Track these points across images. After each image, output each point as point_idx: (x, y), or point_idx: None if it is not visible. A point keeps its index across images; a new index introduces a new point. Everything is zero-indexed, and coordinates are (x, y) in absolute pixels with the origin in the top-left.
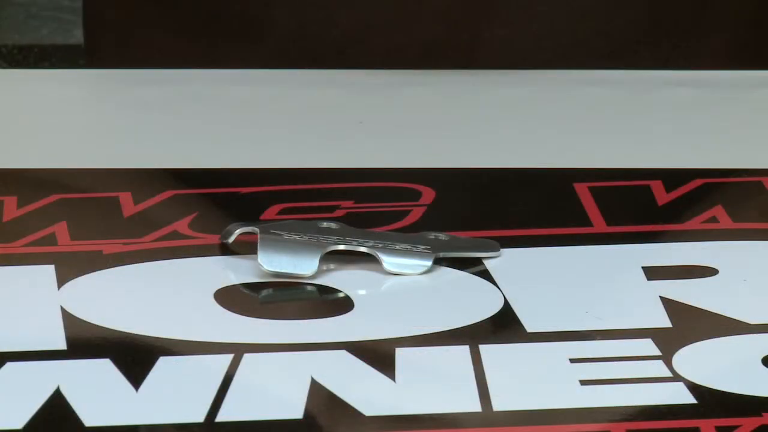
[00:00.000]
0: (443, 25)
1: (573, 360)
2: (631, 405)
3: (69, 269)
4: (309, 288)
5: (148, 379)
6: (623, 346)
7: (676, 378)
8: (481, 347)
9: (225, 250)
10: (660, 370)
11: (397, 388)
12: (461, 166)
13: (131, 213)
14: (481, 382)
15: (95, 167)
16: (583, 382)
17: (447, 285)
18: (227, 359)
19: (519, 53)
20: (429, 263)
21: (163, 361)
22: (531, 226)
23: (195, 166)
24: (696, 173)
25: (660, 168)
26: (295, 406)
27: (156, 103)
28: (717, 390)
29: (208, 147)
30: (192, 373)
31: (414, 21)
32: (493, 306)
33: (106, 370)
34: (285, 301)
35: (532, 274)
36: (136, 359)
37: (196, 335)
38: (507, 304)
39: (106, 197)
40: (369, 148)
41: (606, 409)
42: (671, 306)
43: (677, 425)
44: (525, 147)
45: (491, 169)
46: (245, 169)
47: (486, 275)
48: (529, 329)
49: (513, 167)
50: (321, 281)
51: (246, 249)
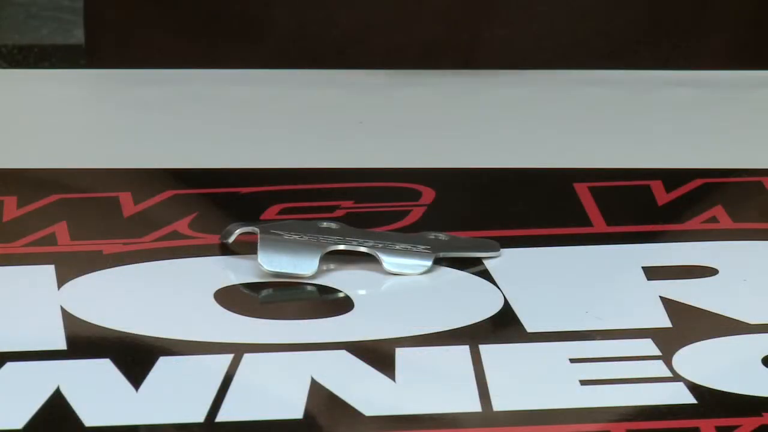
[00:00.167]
0: (443, 25)
1: (573, 360)
2: (631, 405)
3: (69, 269)
4: (309, 288)
5: (148, 379)
6: (623, 346)
7: (676, 378)
8: (481, 347)
9: (225, 250)
10: (660, 370)
11: (397, 388)
12: (461, 166)
13: (131, 213)
14: (481, 382)
15: (95, 167)
16: (583, 382)
17: (447, 285)
18: (227, 359)
19: (519, 53)
20: (429, 263)
21: (163, 361)
22: (531, 226)
23: (195, 166)
24: (696, 173)
25: (660, 168)
26: (295, 406)
27: (156, 103)
28: (717, 390)
29: (208, 147)
30: (192, 373)
31: (414, 21)
32: (493, 306)
33: (106, 370)
34: (285, 301)
35: (532, 274)
36: (136, 359)
37: (196, 335)
38: (507, 304)
39: (106, 197)
40: (369, 148)
41: (606, 409)
42: (671, 306)
43: (677, 425)
44: (525, 147)
45: (491, 169)
46: (245, 169)
47: (486, 275)
48: (529, 329)
49: (513, 167)
50: (321, 281)
51: (246, 249)
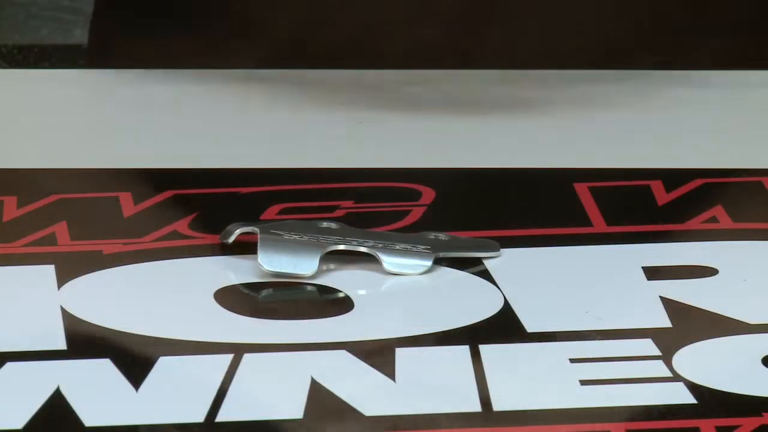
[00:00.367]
0: (443, 26)
1: (573, 360)
2: (631, 405)
3: (69, 269)
4: (309, 288)
5: (148, 379)
6: (623, 346)
7: (676, 378)
8: (481, 347)
9: (225, 250)
10: (660, 370)
11: (397, 388)
12: (461, 166)
13: (131, 213)
14: (481, 382)
15: (95, 167)
16: (583, 382)
17: (447, 285)
18: (227, 359)
19: (519, 53)
20: (429, 263)
21: (163, 361)
22: (531, 226)
23: (195, 166)
24: (696, 173)
25: (660, 168)
26: (295, 406)
27: (156, 103)
28: (717, 390)
29: (208, 147)
30: (192, 373)
31: (413, 22)
32: (493, 306)
33: (106, 370)
34: (285, 301)
35: (532, 274)
36: (136, 359)
37: (196, 335)
38: (507, 304)
39: (106, 197)
40: (369, 148)
41: (606, 409)
42: (671, 306)
43: (677, 425)
44: (525, 147)
45: (491, 169)
46: (245, 169)
47: (486, 275)
48: (529, 329)
49: (513, 167)
50: (321, 281)
51: (246, 249)
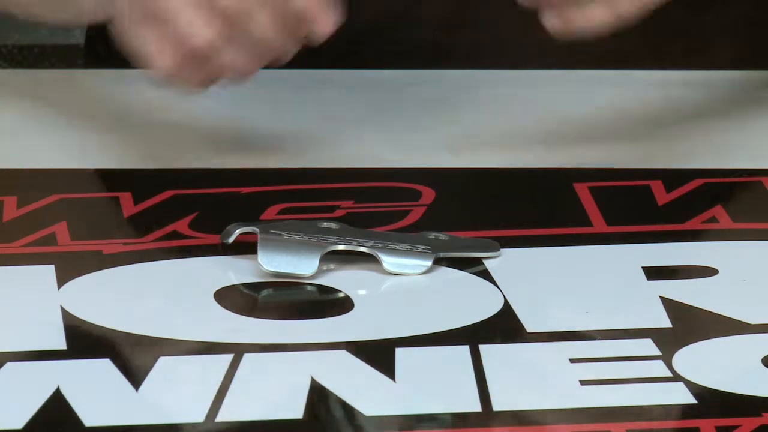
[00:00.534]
0: (441, 28)
1: (573, 360)
2: (631, 405)
3: (69, 269)
4: (309, 288)
5: (148, 379)
6: (623, 346)
7: (676, 378)
8: (481, 347)
9: (225, 250)
10: (660, 370)
11: (397, 388)
12: (461, 166)
13: (131, 213)
14: (481, 382)
15: (95, 167)
16: (583, 382)
17: (447, 285)
18: (227, 359)
19: (520, 53)
20: (429, 263)
21: (163, 361)
22: (531, 226)
23: (195, 166)
24: (696, 173)
25: (660, 168)
26: (295, 406)
27: (156, 104)
28: (717, 390)
29: (208, 147)
30: (192, 373)
31: (411, 25)
32: (493, 306)
33: (106, 370)
34: (285, 301)
35: (532, 274)
36: (136, 359)
37: (196, 335)
38: (507, 304)
39: (106, 197)
40: (369, 148)
41: (606, 409)
42: (671, 306)
43: (677, 425)
44: (525, 147)
45: (491, 169)
46: (245, 169)
47: (486, 275)
48: (529, 329)
49: (513, 167)
50: (321, 281)
51: (246, 249)
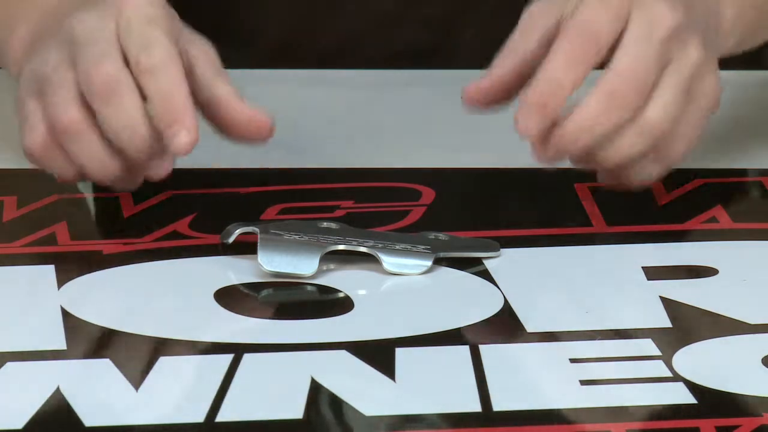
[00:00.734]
0: (429, 30)
1: (573, 360)
2: (631, 405)
3: (69, 269)
4: (309, 288)
5: (148, 379)
6: (623, 346)
7: (676, 378)
8: (481, 347)
9: (225, 250)
10: (660, 370)
11: (397, 388)
12: (461, 166)
13: (131, 213)
14: (481, 382)
15: None
16: (583, 382)
17: (447, 285)
18: (227, 359)
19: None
20: (429, 263)
21: (163, 361)
22: (531, 226)
23: (195, 166)
24: (696, 173)
25: None
26: (295, 406)
27: None
28: (717, 390)
29: (208, 147)
30: (192, 373)
31: (400, 27)
32: (493, 306)
33: (106, 370)
34: (285, 301)
35: (532, 274)
36: (136, 359)
37: (196, 335)
38: (507, 304)
39: (106, 197)
40: (369, 148)
41: (606, 409)
42: (671, 306)
43: (677, 425)
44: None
45: (491, 169)
46: (245, 169)
47: (486, 275)
48: (529, 329)
49: (513, 167)
50: (321, 281)
51: (246, 249)
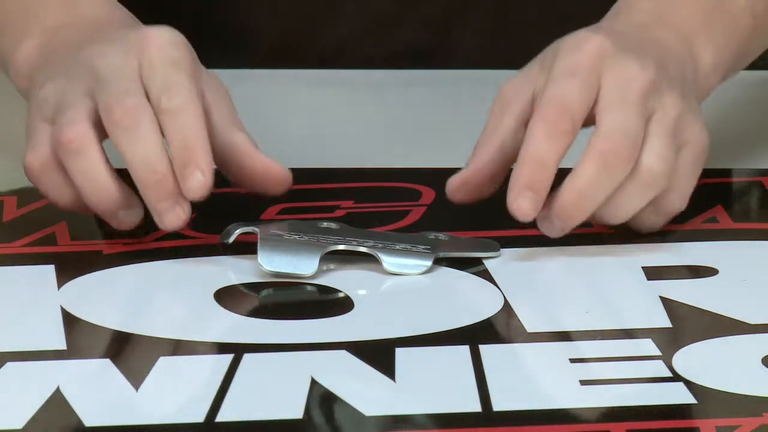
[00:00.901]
0: (431, 30)
1: (573, 360)
2: (631, 405)
3: (69, 269)
4: (309, 288)
5: (148, 379)
6: (623, 346)
7: (676, 378)
8: (481, 347)
9: (225, 250)
10: (660, 370)
11: (397, 388)
12: (461, 166)
13: None
14: (481, 382)
15: None
16: (583, 382)
17: (447, 285)
18: (227, 359)
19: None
20: (429, 263)
21: (163, 361)
22: (531, 226)
23: None
24: None
25: None
26: (295, 406)
27: None
28: (717, 390)
29: None
30: (192, 373)
31: (400, 27)
32: (493, 306)
33: (106, 370)
34: (285, 301)
35: (532, 274)
36: (136, 359)
37: (196, 335)
38: (507, 304)
39: None
40: (369, 148)
41: (606, 409)
42: (671, 306)
43: (677, 425)
44: None
45: None
46: None
47: (486, 275)
48: (529, 329)
49: (513, 167)
50: (321, 281)
51: (246, 249)
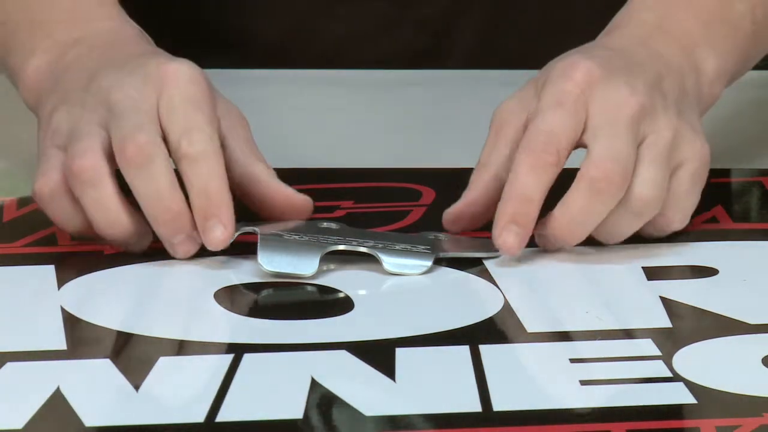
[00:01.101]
0: (430, 32)
1: (573, 360)
2: (631, 405)
3: (69, 269)
4: (309, 288)
5: (148, 379)
6: (623, 346)
7: (676, 378)
8: (481, 347)
9: (225, 250)
10: (660, 370)
11: (397, 388)
12: (461, 166)
13: None
14: (481, 382)
15: None
16: (583, 382)
17: (447, 285)
18: (227, 359)
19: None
20: (429, 263)
21: (163, 361)
22: None
23: None
24: None
25: None
26: (295, 406)
27: None
28: (717, 390)
29: None
30: (192, 373)
31: (399, 28)
32: (493, 306)
33: (106, 370)
34: (285, 301)
35: (532, 274)
36: (136, 359)
37: (196, 335)
38: (507, 304)
39: None
40: (369, 148)
41: (606, 409)
42: (671, 306)
43: (677, 425)
44: None
45: None
46: None
47: (486, 275)
48: (529, 329)
49: None
50: (321, 281)
51: (246, 249)
